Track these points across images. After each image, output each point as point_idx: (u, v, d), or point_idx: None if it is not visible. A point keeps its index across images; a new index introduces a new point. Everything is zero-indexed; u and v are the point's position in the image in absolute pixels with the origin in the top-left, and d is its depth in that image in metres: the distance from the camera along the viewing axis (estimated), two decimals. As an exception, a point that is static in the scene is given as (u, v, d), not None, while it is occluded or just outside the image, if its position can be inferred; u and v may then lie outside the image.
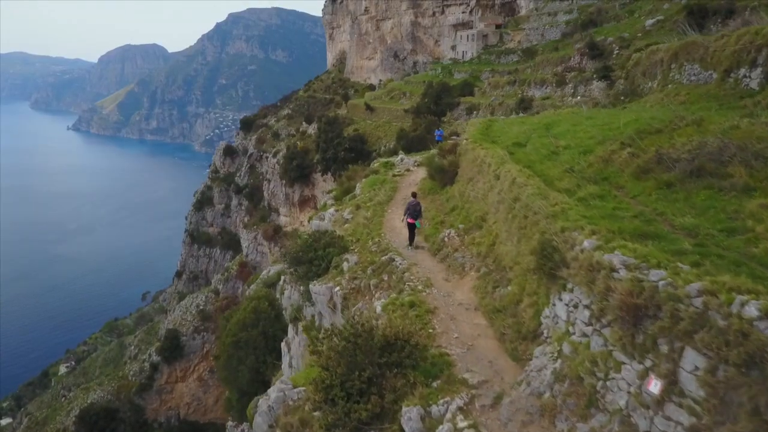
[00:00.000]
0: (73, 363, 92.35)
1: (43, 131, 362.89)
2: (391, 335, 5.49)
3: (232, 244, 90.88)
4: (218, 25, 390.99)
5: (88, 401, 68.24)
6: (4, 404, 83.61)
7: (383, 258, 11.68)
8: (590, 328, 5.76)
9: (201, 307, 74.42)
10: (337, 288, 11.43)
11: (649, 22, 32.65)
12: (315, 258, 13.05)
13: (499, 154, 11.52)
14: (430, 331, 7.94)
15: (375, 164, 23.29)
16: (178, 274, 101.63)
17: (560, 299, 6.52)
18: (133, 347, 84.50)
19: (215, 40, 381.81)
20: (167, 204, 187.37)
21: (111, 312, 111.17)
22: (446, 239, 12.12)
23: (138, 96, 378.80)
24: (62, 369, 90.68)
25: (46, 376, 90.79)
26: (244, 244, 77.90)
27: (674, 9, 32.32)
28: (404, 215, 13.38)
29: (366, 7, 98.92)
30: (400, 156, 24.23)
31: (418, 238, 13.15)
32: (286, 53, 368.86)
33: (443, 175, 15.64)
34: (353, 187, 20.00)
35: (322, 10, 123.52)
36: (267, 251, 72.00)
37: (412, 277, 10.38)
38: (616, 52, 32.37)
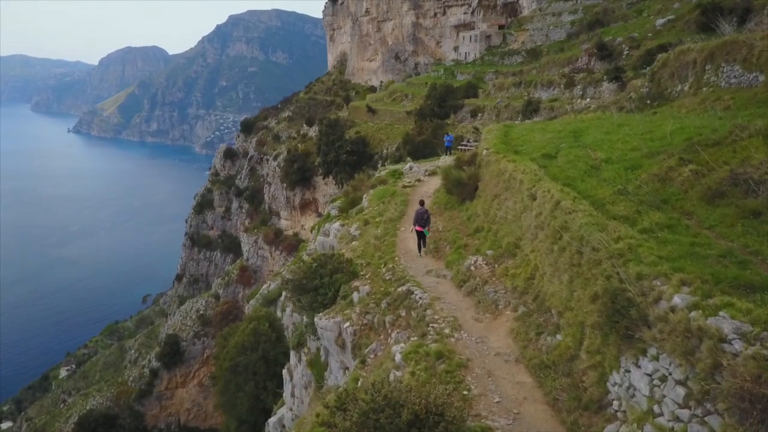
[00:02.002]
0: (73, 366, 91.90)
1: (44, 134, 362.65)
2: (421, 409, 4.45)
3: (232, 247, 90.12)
4: (218, 27, 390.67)
5: (87, 407, 67.43)
6: (5, 408, 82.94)
7: (400, 289, 10.14)
8: (687, 412, 4.40)
9: (201, 312, 73.62)
10: (347, 324, 10.02)
11: (660, 21, 31.76)
12: (321, 286, 11.62)
13: (531, 169, 10.30)
14: (465, 392, 6.64)
15: (382, 172, 21.92)
16: (179, 278, 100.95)
17: (638, 366, 5.14)
18: (133, 351, 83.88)
19: (215, 42, 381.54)
20: (168, 207, 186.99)
21: (112, 315, 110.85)
22: (473, 268, 10.48)
23: (138, 98, 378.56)
24: (63, 372, 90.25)
25: (46, 380, 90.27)
26: (244, 248, 77.11)
27: (685, 8, 31.40)
28: (413, 224, 13.60)
29: (367, 9, 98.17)
30: (408, 164, 22.82)
31: (438, 264, 11.83)
32: (286, 55, 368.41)
33: (462, 189, 14.14)
34: (359, 198, 18.65)
35: (323, 11, 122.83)
36: (268, 255, 71.19)
37: (435, 316, 8.80)
38: (626, 52, 31.47)
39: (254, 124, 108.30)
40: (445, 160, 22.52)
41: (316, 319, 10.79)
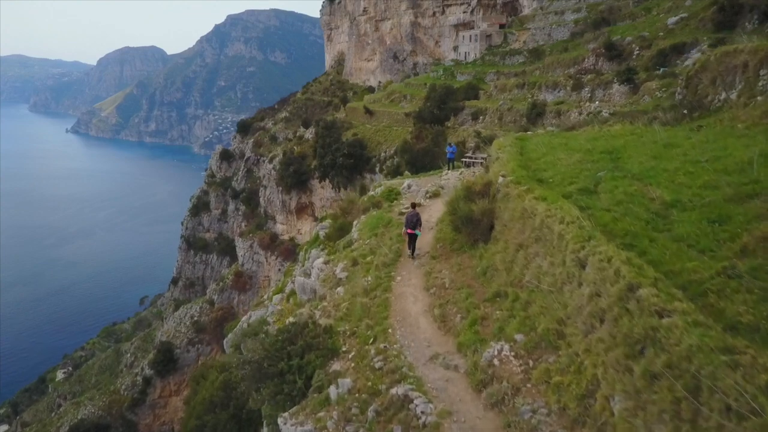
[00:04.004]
0: (70, 369, 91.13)
1: (42, 134, 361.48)
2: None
3: (229, 250, 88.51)
4: (217, 27, 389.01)
5: (79, 417, 65.83)
6: (1, 411, 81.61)
7: (394, 391, 7.22)
8: None
9: (195, 319, 72.05)
10: None
11: (672, 20, 30.06)
12: (288, 371, 8.67)
13: (572, 216, 7.42)
14: None
15: (376, 189, 19.28)
16: (174, 281, 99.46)
17: None
18: (129, 355, 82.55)
19: (214, 42, 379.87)
20: (166, 207, 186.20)
21: (110, 315, 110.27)
22: (496, 362, 7.37)
23: (137, 98, 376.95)
24: (59, 375, 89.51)
25: (43, 382, 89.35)
26: (239, 253, 75.46)
27: (699, 5, 29.70)
28: (404, 227, 12.91)
29: (364, 8, 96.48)
30: (406, 182, 19.64)
31: (446, 341, 8.76)
32: (284, 55, 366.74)
33: (474, 228, 11.14)
34: (349, 225, 15.84)
35: (320, 10, 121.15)
36: (264, 260, 69.56)
37: (447, 450, 6.00)
38: (636, 52, 29.77)
39: (251, 125, 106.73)
40: (449, 177, 19.98)
41: (279, 421, 7.73)
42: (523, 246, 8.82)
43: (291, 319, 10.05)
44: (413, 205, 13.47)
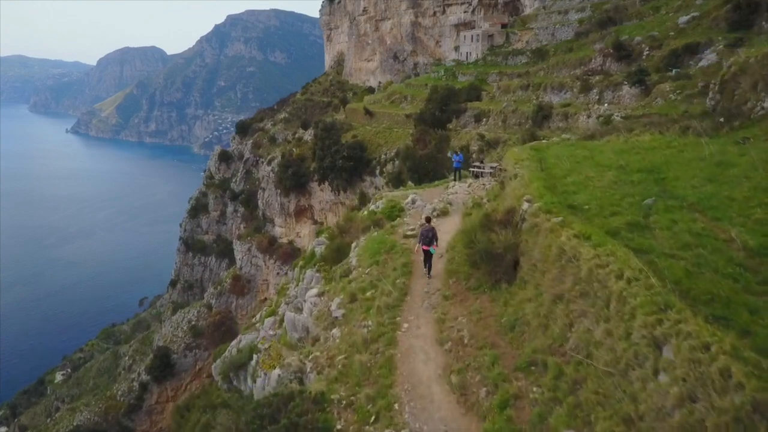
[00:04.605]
0: (69, 370, 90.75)
1: (42, 134, 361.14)
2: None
3: (227, 252, 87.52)
4: (217, 27, 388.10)
5: (74, 423, 64.86)
6: (0, 413, 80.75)
7: None
8: None
9: (193, 323, 71.03)
10: None
11: (683, 19, 28.94)
12: None
13: (632, 268, 5.72)
14: None
15: (377, 202, 17.62)
16: (173, 283, 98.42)
17: None
18: (127, 357, 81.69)
19: (214, 42, 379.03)
20: (166, 207, 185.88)
21: (110, 315, 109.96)
22: None
23: (137, 98, 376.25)
24: (58, 377, 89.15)
25: (42, 384, 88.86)
26: (237, 256, 74.42)
27: (711, 4, 28.56)
28: (418, 242, 11.94)
29: (364, 7, 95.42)
30: (410, 196, 17.52)
31: (468, 423, 6.95)
32: (284, 55, 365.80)
33: (495, 265, 9.21)
34: (347, 247, 14.02)
35: (320, 10, 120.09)
36: (262, 264, 68.50)
37: None
38: (646, 53, 28.65)
39: (250, 126, 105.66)
40: (456, 191, 18.13)
41: None
42: (564, 299, 6.87)
43: (275, 380, 8.45)
44: (428, 219, 12.55)
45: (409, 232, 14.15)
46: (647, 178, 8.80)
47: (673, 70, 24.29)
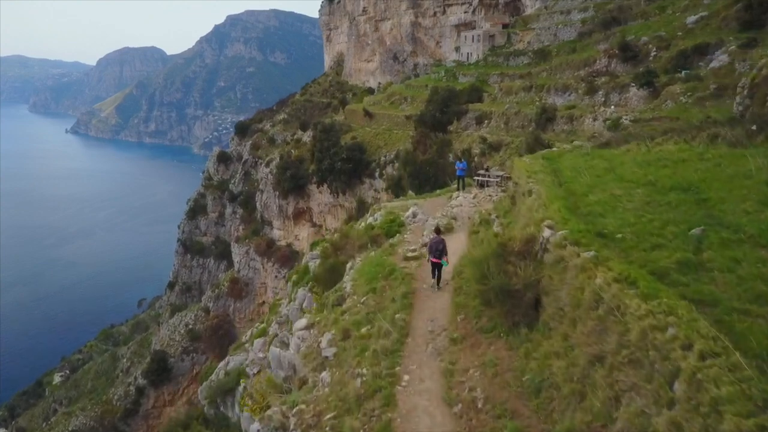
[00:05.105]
0: (67, 372, 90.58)
1: (42, 134, 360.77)
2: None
3: (226, 254, 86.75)
4: (216, 28, 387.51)
5: (70, 428, 64.07)
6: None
7: None
8: None
9: (190, 327, 70.22)
10: None
11: (691, 19, 28.13)
12: None
13: (704, 338, 4.32)
14: None
15: (375, 214, 16.26)
16: (171, 285, 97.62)
17: None
18: (125, 360, 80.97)
19: (213, 42, 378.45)
20: (166, 207, 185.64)
21: (109, 316, 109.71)
22: None
23: (136, 98, 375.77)
24: (56, 378, 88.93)
25: (40, 386, 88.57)
26: (235, 259, 73.61)
27: (720, 3, 27.74)
28: (428, 255, 11.32)
29: (364, 7, 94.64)
30: (410, 209, 16.15)
31: None
32: (284, 55, 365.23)
33: (513, 305, 7.79)
34: (341, 267, 12.75)
35: (319, 10, 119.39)
36: (260, 267, 67.68)
37: None
38: (653, 53, 27.83)
39: (249, 127, 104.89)
40: (461, 203, 16.73)
41: None
42: (605, 362, 5.41)
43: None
44: (437, 231, 11.91)
45: (409, 254, 12.79)
46: (686, 199, 7.44)
47: (683, 72, 23.48)
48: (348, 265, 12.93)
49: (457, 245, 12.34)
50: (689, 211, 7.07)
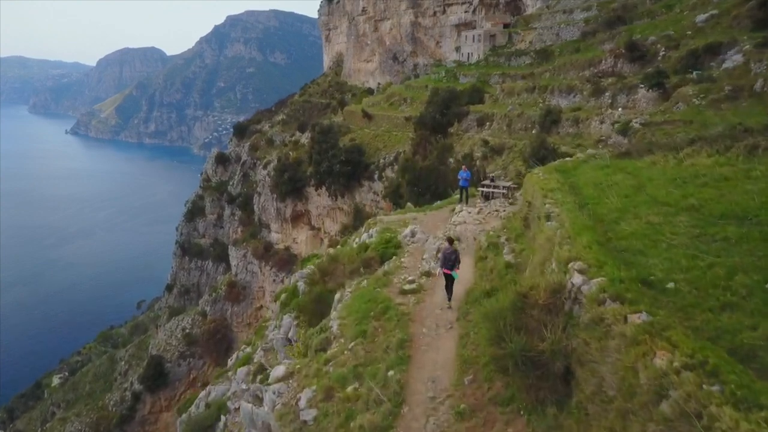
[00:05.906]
0: (66, 374, 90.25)
1: (42, 135, 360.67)
2: None
3: (224, 256, 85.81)
4: (216, 28, 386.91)
5: (65, 435, 63.21)
6: (-4, 416, 79.68)
7: None
8: None
9: (187, 331, 69.25)
10: None
11: (701, 17, 27.11)
12: None
13: None
14: None
15: (371, 230, 14.98)
16: (169, 288, 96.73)
17: None
18: (123, 363, 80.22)
19: (213, 42, 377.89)
20: (166, 208, 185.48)
21: (109, 316, 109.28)
22: None
23: (136, 99, 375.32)
24: (55, 380, 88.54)
25: (39, 388, 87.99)
26: (233, 262, 72.63)
27: (731, 2, 26.72)
28: (438, 266, 10.81)
29: (363, 7, 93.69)
30: (409, 226, 14.84)
31: None
32: (284, 55, 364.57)
33: (538, 377, 5.98)
34: (328, 297, 11.40)
35: (318, 11, 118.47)
36: (258, 270, 66.68)
37: None
38: (662, 53, 26.81)
39: (247, 128, 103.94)
40: (465, 219, 15.21)
41: None
42: None
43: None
44: (450, 241, 11.10)
45: (407, 286, 10.94)
46: (748, 234, 5.62)
47: (694, 72, 22.46)
48: (336, 297, 11.48)
49: (462, 273, 10.65)
50: (757, 250, 5.35)
